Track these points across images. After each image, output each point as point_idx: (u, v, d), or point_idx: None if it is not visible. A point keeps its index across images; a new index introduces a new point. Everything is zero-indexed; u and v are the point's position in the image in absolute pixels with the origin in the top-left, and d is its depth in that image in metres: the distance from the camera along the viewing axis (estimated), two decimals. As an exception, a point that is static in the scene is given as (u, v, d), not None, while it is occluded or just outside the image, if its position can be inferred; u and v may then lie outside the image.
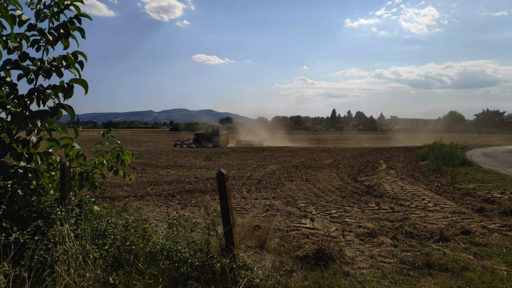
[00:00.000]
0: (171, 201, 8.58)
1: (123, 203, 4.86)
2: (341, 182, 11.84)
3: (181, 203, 8.27)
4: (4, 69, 3.75)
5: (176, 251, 3.22)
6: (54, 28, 3.87)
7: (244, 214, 7.09)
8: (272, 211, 7.42)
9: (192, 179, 12.50)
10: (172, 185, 10.98)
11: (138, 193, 9.42)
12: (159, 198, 8.85)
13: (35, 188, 4.01)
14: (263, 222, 5.96)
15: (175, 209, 7.51)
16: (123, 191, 9.76)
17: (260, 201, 8.56)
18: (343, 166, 16.69)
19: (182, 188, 10.46)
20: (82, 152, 4.23)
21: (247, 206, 7.95)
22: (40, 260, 2.98)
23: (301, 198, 9.06)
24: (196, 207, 7.80)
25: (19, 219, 3.67)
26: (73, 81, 3.83)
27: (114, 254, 3.30)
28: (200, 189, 10.33)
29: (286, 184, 11.37)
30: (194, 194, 9.50)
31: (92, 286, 2.81)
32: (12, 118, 3.61)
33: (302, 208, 7.75)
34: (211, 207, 7.73)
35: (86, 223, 3.58)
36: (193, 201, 8.56)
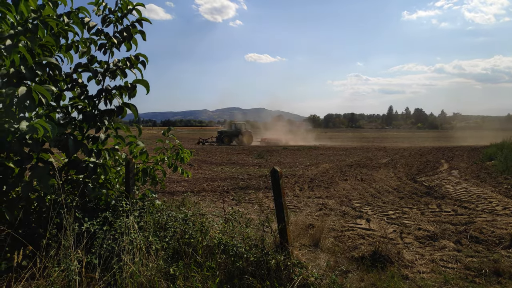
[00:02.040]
0: (226, 197, 8.80)
1: (182, 198, 5.08)
2: (399, 182, 11.35)
3: (235, 199, 8.45)
4: (76, 72, 4.09)
5: (232, 245, 3.31)
6: (118, 32, 4.13)
7: (297, 213, 7.07)
8: (326, 210, 7.32)
9: (245, 176, 12.69)
10: (226, 182, 11.25)
11: (195, 189, 9.78)
12: (214, 194, 9.12)
13: (103, 182, 4.33)
14: (317, 221, 5.91)
15: (230, 205, 7.68)
16: (180, 186, 10.19)
17: (313, 200, 8.49)
18: (401, 166, 15.97)
19: (235, 184, 10.68)
20: (145, 149, 4.48)
21: (300, 205, 7.93)
22: (108, 249, 3.22)
23: (356, 198, 8.83)
24: (249, 204, 7.93)
25: (90, 211, 3.99)
26: (136, 82, 4.07)
27: (174, 246, 3.46)
28: (253, 186, 10.47)
29: (340, 183, 11.15)
30: (247, 191, 9.66)
31: (155, 275, 2.97)
32: (84, 117, 3.93)
33: (357, 208, 7.55)
34: (264, 204, 7.81)
35: (148, 216, 3.80)
36: (247, 197, 8.70)
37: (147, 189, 4.71)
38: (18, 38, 2.95)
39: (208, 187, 10.15)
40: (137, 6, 4.05)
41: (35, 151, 3.35)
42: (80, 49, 4.15)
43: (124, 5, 4.02)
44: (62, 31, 3.69)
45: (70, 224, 3.01)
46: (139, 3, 4.04)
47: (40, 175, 3.30)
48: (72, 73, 4.01)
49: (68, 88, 4.00)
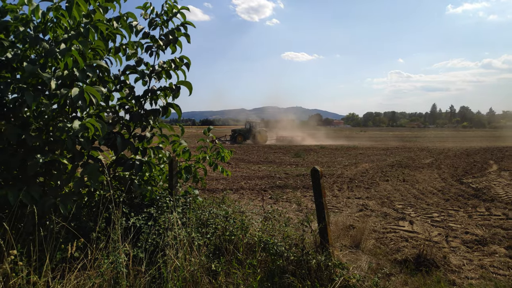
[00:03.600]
0: (264, 195, 8.84)
1: (222, 196, 5.17)
2: (444, 183, 10.86)
3: (273, 197, 8.47)
4: (124, 74, 4.28)
5: (272, 244, 3.33)
6: (163, 34, 4.28)
7: (336, 213, 6.97)
8: (366, 211, 7.16)
9: (283, 175, 12.68)
10: (264, 180, 11.30)
11: (233, 187, 9.91)
12: (252, 192, 9.19)
13: (147, 179, 4.50)
14: (357, 222, 5.79)
15: (268, 203, 7.71)
16: (219, 184, 10.37)
17: (352, 201, 8.33)
18: (446, 166, 15.28)
19: (273, 183, 10.70)
20: (188, 148, 4.61)
21: (339, 205, 7.81)
22: (153, 244, 3.34)
23: (398, 199, 8.56)
24: (287, 203, 7.92)
25: (135, 206, 4.16)
26: (179, 83, 4.19)
27: (215, 243, 3.54)
28: (291, 185, 10.44)
29: (380, 183, 10.85)
30: (285, 189, 9.65)
31: (197, 270, 3.05)
32: (131, 116, 4.10)
33: (399, 210, 7.32)
34: (302, 204, 7.77)
35: (191, 212, 3.90)
36: (284, 196, 8.69)
37: (189, 186, 4.83)
38: (71, 42, 3.12)
39: (246, 185, 10.24)
40: (182, 9, 4.17)
41: (86, 148, 3.54)
42: (127, 52, 4.35)
43: (170, 9, 4.15)
44: (111, 34, 3.87)
45: (118, 218, 3.15)
46: (184, 6, 4.15)
47: (91, 172, 3.47)
48: (121, 75, 4.20)
49: (116, 89, 4.20)
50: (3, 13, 3.48)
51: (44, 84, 3.19)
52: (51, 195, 3.32)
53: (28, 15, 3.29)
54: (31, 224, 3.26)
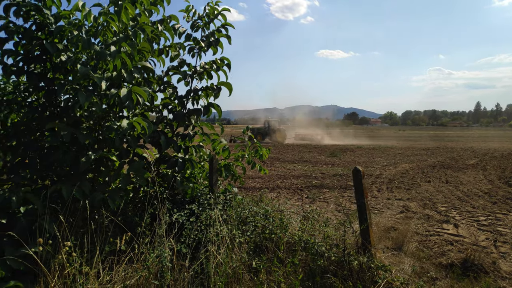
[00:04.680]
0: (300, 194, 8.80)
1: (259, 194, 5.21)
2: (490, 185, 10.31)
3: (309, 197, 8.42)
4: (167, 75, 4.42)
5: (312, 243, 3.32)
6: (205, 36, 4.37)
7: (376, 214, 6.82)
8: (408, 213, 6.94)
9: (319, 174, 12.56)
10: (300, 180, 11.24)
11: (269, 185, 9.95)
12: (289, 191, 9.18)
13: (189, 177, 4.62)
14: (399, 224, 5.64)
15: (305, 203, 7.67)
16: (255, 182, 10.44)
17: (392, 202, 8.10)
18: (492, 168, 14.49)
19: (309, 183, 10.62)
20: (227, 146, 4.68)
21: (378, 206, 7.63)
22: (195, 239, 3.43)
23: (441, 201, 8.23)
24: (324, 203, 7.84)
25: (178, 203, 4.29)
26: (220, 83, 4.27)
27: (255, 240, 3.57)
28: (327, 185, 10.32)
29: (422, 185, 10.47)
30: (322, 189, 9.55)
31: (238, 267, 3.10)
32: (174, 115, 4.23)
33: (442, 212, 7.03)
34: (339, 204, 7.66)
35: (231, 209, 3.96)
36: (321, 196, 8.61)
37: (228, 184, 4.91)
38: (120, 44, 3.27)
39: (282, 184, 10.24)
40: (223, 11, 4.25)
41: (132, 146, 3.69)
42: (170, 53, 4.49)
43: (211, 11, 4.24)
44: (156, 37, 4.01)
45: (164, 214, 3.27)
46: (224, 8, 4.22)
47: (137, 169, 3.62)
48: (164, 76, 4.35)
49: (160, 90, 4.34)
50: (58, 18, 3.71)
51: (94, 85, 3.36)
52: (100, 191, 3.50)
53: (80, 20, 3.48)
54: (81, 217, 3.45)
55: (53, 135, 3.54)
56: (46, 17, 3.62)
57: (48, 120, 3.62)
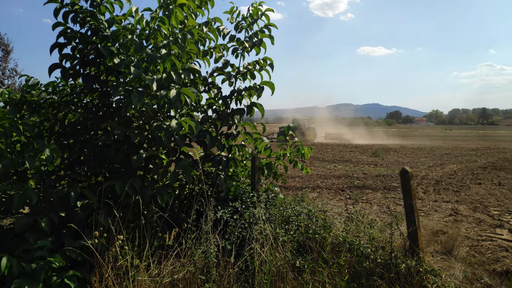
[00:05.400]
0: (341, 195, 8.68)
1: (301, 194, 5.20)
2: (550, 189, 9.61)
3: (351, 198, 8.27)
4: (211, 76, 4.53)
5: (358, 245, 3.27)
6: (248, 37, 4.43)
7: (422, 217, 6.57)
8: (457, 216, 6.63)
9: (361, 175, 12.29)
10: (341, 180, 11.07)
11: (309, 185, 9.88)
12: (330, 191, 9.07)
13: (231, 175, 4.71)
14: (448, 227, 5.40)
15: (346, 203, 7.56)
16: (295, 182, 10.41)
17: (440, 204, 7.77)
18: (551, 170, 13.49)
19: (350, 183, 10.43)
20: (269, 145, 4.71)
21: (425, 208, 7.34)
22: (239, 237, 3.50)
23: (493, 204, 7.78)
24: (367, 204, 7.67)
25: (221, 200, 4.38)
26: (263, 83, 4.30)
27: (298, 240, 3.58)
28: (370, 185, 10.08)
29: (472, 187, 9.94)
30: (364, 190, 9.35)
31: (282, 266, 3.13)
32: (218, 115, 4.33)
33: (495, 217, 6.65)
34: (383, 206, 7.46)
35: (273, 208, 3.99)
36: (364, 197, 8.43)
37: (270, 183, 4.94)
38: (170, 47, 3.40)
39: (323, 184, 10.13)
40: (266, 11, 4.28)
41: (180, 145, 3.82)
42: (214, 54, 4.59)
43: (255, 11, 4.29)
44: (202, 39, 4.13)
45: (210, 211, 3.36)
46: (268, 8, 4.26)
47: (184, 167, 3.74)
48: (209, 77, 4.46)
49: (205, 90, 4.46)
50: (110, 23, 3.91)
51: (145, 86, 3.52)
52: (149, 187, 3.65)
53: (134, 24, 3.65)
54: (132, 213, 3.62)
55: (106, 134, 3.75)
56: (100, 22, 3.84)
57: (102, 120, 3.83)
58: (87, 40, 3.83)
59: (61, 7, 3.79)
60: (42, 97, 4.53)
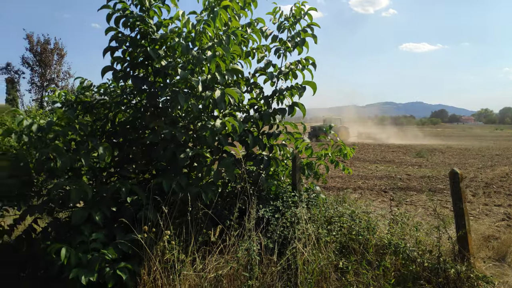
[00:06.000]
0: (384, 196, 8.46)
1: (342, 194, 5.13)
2: None
3: (394, 200, 8.03)
4: (253, 76, 4.58)
5: (404, 248, 3.19)
6: (291, 37, 4.43)
7: (472, 220, 6.25)
8: (510, 221, 6.24)
9: (404, 176, 11.89)
10: (383, 181, 10.78)
11: (350, 186, 9.71)
12: (371, 193, 8.87)
13: (272, 174, 4.74)
14: (500, 233, 5.12)
15: (389, 205, 7.35)
16: (335, 182, 10.27)
17: (491, 208, 7.36)
18: None
19: (393, 184, 10.12)
20: (310, 145, 4.69)
21: (474, 212, 6.98)
22: (281, 236, 3.52)
23: (552, 209, 7.26)
24: (411, 206, 7.42)
25: (262, 199, 4.43)
26: (305, 83, 4.29)
27: (341, 241, 3.54)
28: (414, 187, 9.73)
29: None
30: (408, 192, 9.04)
31: (325, 266, 3.11)
32: (260, 115, 4.37)
33: (554, 223, 6.21)
34: (428, 208, 7.18)
35: (314, 208, 3.98)
36: (408, 199, 8.16)
37: (311, 183, 4.92)
38: (215, 48, 3.49)
39: (364, 185, 9.92)
40: (309, 11, 4.27)
41: (223, 144, 3.91)
42: (256, 55, 4.65)
43: (298, 11, 4.29)
44: (245, 40, 4.19)
45: (252, 209, 3.41)
46: (311, 7, 4.24)
47: (227, 165, 3.83)
48: (251, 77, 4.52)
49: (247, 90, 4.53)
50: (158, 27, 4.08)
51: (191, 87, 3.64)
52: (194, 185, 3.77)
53: (180, 27, 3.78)
54: (178, 209, 3.75)
55: (154, 133, 3.91)
56: (149, 26, 4.01)
57: (150, 119, 4.00)
58: (136, 44, 4.01)
59: (113, 13, 4.00)
60: (95, 98, 4.80)
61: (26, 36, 25.64)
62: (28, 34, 25.69)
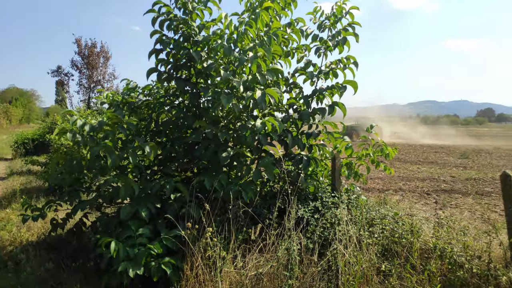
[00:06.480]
0: (427, 199, 8.15)
1: (383, 196, 5.01)
2: None
3: (438, 202, 7.73)
4: (293, 76, 4.58)
5: (451, 253, 3.08)
6: (331, 36, 4.39)
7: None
8: None
9: (448, 178, 11.39)
10: (426, 183, 10.38)
11: (391, 187, 9.45)
12: (413, 195, 8.58)
13: (310, 174, 4.71)
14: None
15: (436, 208, 7.09)
16: (374, 183, 10.02)
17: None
18: None
19: (437, 186, 9.73)
20: (351, 144, 4.62)
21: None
22: (321, 236, 3.50)
23: None
24: (457, 209, 7.10)
25: (301, 199, 4.42)
26: (345, 82, 4.23)
27: (383, 243, 3.47)
28: (459, 190, 9.30)
29: None
30: (452, 194, 8.66)
31: (367, 268, 3.06)
32: (299, 115, 4.36)
33: None
34: (475, 212, 6.85)
35: (355, 210, 3.92)
36: (453, 202, 7.81)
37: (351, 183, 4.84)
38: (256, 49, 3.52)
39: (405, 187, 9.61)
40: (351, 9, 4.21)
41: (263, 144, 3.95)
42: (296, 55, 4.65)
43: (339, 10, 4.24)
44: (286, 40, 4.20)
45: (292, 209, 3.42)
46: (353, 6, 4.18)
47: (266, 164, 3.86)
48: (291, 77, 4.53)
49: (286, 90, 4.53)
50: (200, 29, 4.18)
51: (233, 88, 3.70)
52: (234, 183, 3.83)
53: (222, 29, 3.86)
54: (218, 207, 3.83)
55: (197, 133, 4.01)
56: (191, 28, 4.12)
57: (193, 119, 4.11)
58: (180, 46, 4.13)
59: (158, 16, 4.15)
60: (139, 98, 5.01)
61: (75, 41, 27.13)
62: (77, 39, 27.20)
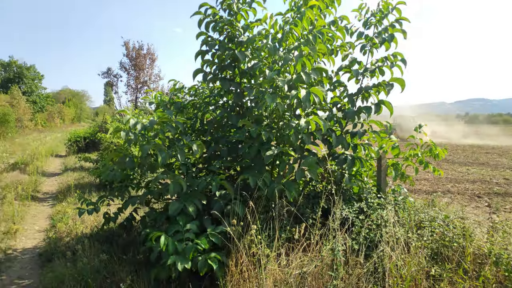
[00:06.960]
0: (478, 202, 7.72)
1: (432, 198, 4.82)
2: None
3: (491, 206, 7.30)
4: (337, 74, 4.52)
5: (508, 258, 2.91)
6: (377, 33, 4.28)
7: None
8: None
9: (501, 180, 10.71)
10: (476, 185, 9.84)
11: (438, 189, 9.04)
12: (463, 197, 8.16)
13: (355, 174, 4.63)
14: None
15: (484, 211, 6.71)
16: (421, 185, 9.64)
17: None
18: None
19: (489, 189, 9.19)
20: (397, 144, 4.49)
21: None
22: (366, 238, 3.43)
23: None
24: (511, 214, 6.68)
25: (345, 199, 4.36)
26: (392, 80, 4.11)
27: (432, 247, 3.35)
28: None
29: None
30: (507, 198, 8.14)
31: (415, 272, 2.97)
32: (344, 113, 4.30)
33: None
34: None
35: (402, 211, 3.81)
36: (507, 206, 7.34)
37: (397, 185, 4.71)
38: (301, 48, 3.52)
39: (454, 189, 9.17)
40: (398, 4, 4.08)
41: (306, 143, 3.93)
42: (339, 53, 4.58)
43: (385, 6, 4.13)
44: (330, 38, 4.16)
45: (337, 209, 3.38)
46: (400, 1, 4.05)
47: (310, 164, 3.84)
48: (334, 75, 4.47)
49: (330, 89, 4.49)
50: (245, 30, 4.24)
51: (276, 87, 3.72)
52: (277, 182, 3.85)
53: (267, 29, 3.89)
54: (262, 205, 3.87)
55: (241, 132, 4.08)
56: (236, 29, 4.19)
57: (237, 118, 4.18)
58: (224, 46, 4.21)
59: (204, 18, 4.26)
60: (185, 98, 5.17)
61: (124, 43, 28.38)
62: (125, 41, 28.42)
